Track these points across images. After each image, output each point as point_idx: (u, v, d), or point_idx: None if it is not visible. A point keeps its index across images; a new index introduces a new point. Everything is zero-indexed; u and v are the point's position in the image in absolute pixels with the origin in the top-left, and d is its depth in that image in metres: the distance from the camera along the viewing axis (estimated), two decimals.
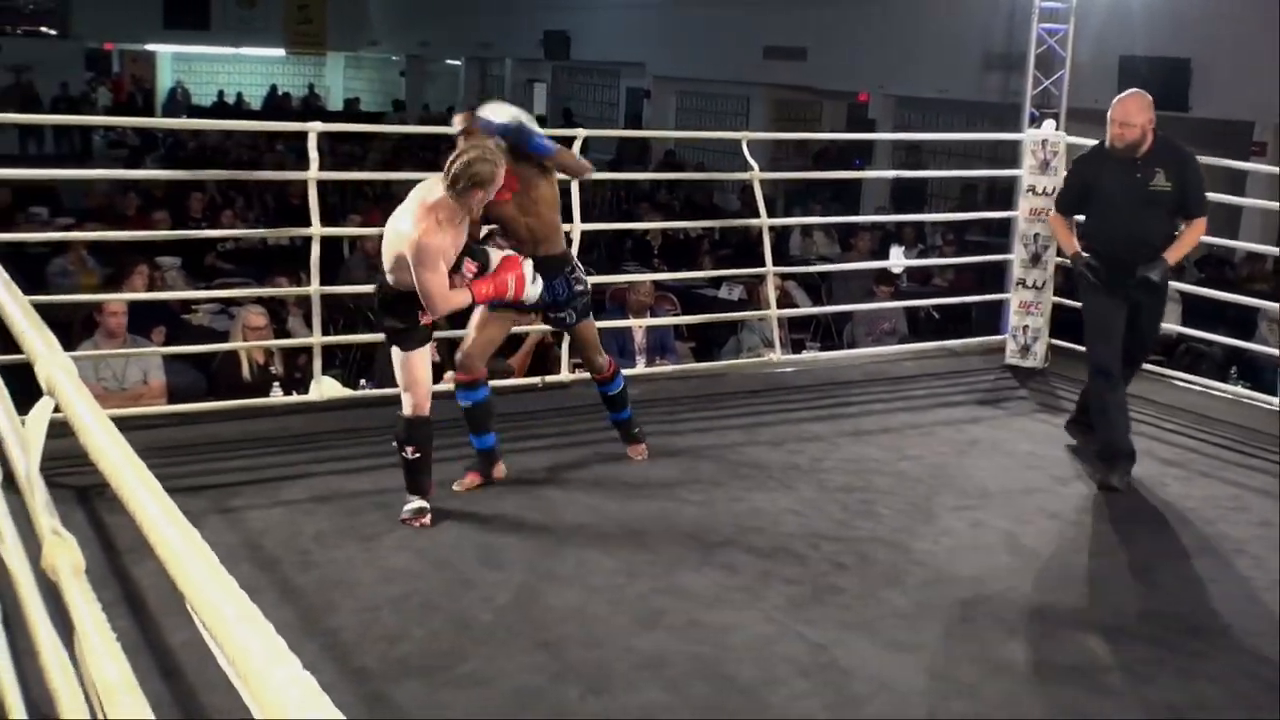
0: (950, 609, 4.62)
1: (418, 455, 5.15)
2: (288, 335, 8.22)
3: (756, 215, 8.01)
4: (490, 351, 5.75)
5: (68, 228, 11.40)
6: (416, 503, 5.15)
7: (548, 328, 7.63)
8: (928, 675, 4.13)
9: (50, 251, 10.07)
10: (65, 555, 1.46)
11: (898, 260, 11.06)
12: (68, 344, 6.27)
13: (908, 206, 17.99)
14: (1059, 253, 7.65)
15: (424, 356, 5.19)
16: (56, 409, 1.91)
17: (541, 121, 6.53)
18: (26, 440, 1.91)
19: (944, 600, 4.69)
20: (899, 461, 6.29)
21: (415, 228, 4.87)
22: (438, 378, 5.87)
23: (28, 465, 1.81)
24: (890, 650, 4.28)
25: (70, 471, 4.73)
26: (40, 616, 1.95)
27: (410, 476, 5.19)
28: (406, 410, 5.17)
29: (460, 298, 5.09)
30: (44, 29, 30.62)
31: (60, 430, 2.03)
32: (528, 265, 5.31)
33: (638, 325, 8.16)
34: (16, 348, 2.23)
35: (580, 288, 5.69)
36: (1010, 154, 9.18)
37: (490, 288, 5.16)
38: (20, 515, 2.07)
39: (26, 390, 2.34)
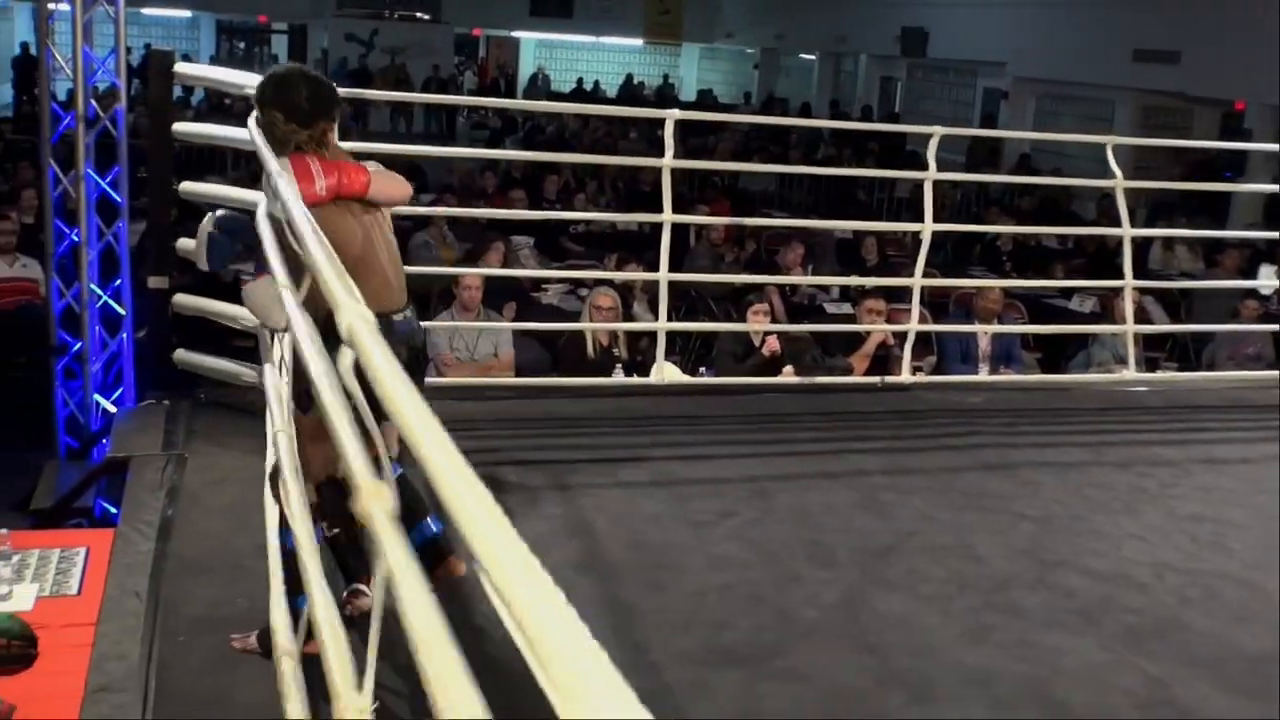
0: None
1: None
2: (632, 319, 8.39)
3: (1115, 225, 7.66)
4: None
5: (431, 204, 11.96)
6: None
7: (889, 328, 7.54)
8: None
9: (413, 226, 10.57)
10: (378, 500, 1.49)
11: (1268, 280, 10.40)
12: (426, 314, 6.58)
13: None
14: None
15: None
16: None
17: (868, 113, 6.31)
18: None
19: None
20: (1256, 495, 5.90)
21: None
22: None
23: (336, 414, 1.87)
24: (1235, 695, 4.02)
25: None
26: (317, 578, 2.04)
27: None
28: None
29: None
30: (418, 15, 32.23)
31: None
32: None
33: (983, 331, 7.95)
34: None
35: None
36: None
37: None
38: None
39: None
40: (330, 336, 3.01)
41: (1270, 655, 4.31)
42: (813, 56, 32.95)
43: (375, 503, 1.48)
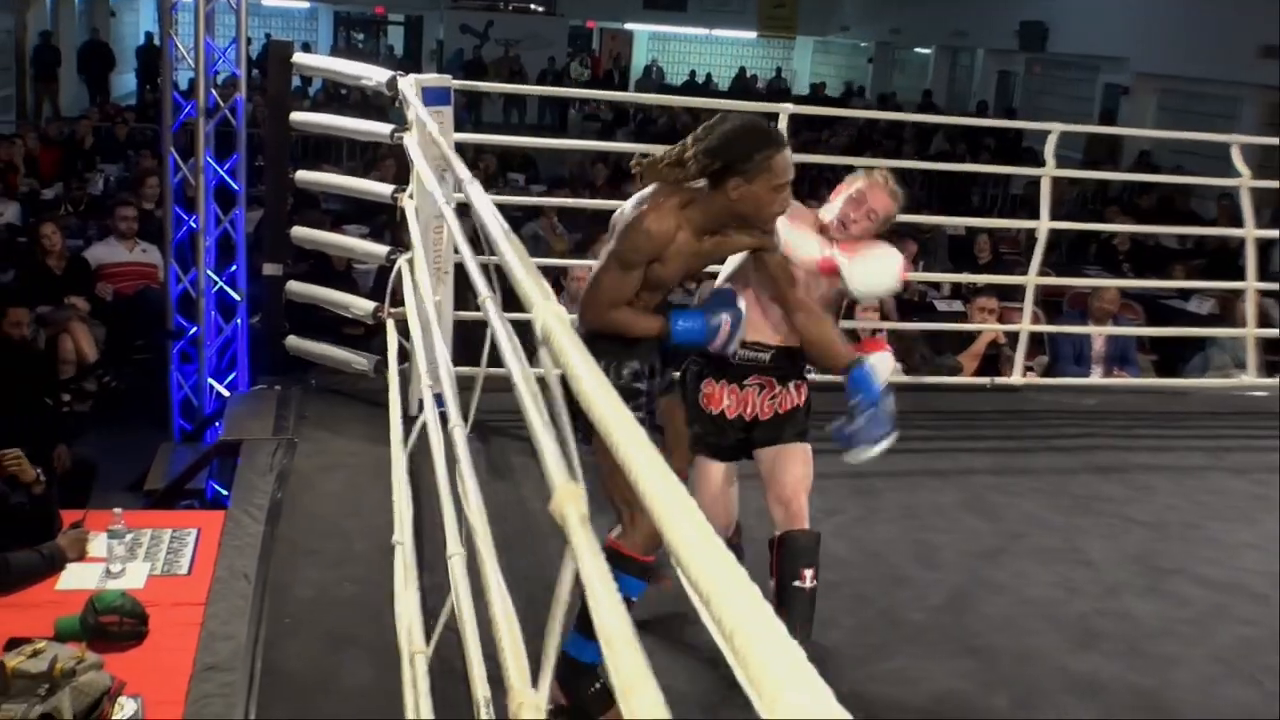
0: None
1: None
2: None
3: (1236, 225, 7.46)
4: None
5: (542, 195, 12.02)
6: None
7: (1001, 327, 7.42)
8: None
9: (524, 216, 10.63)
10: (574, 501, 1.50)
11: None
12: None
13: None
14: None
15: None
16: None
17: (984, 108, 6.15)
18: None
19: None
20: None
21: None
22: None
23: (541, 414, 1.87)
24: None
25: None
26: (494, 572, 2.05)
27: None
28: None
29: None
30: (533, 6, 32.42)
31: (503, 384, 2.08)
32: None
33: (1098, 333, 7.79)
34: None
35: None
36: None
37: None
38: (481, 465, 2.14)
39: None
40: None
41: None
42: (928, 51, 32.57)
43: (569, 503, 1.48)
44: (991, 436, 6.26)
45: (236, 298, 7.10)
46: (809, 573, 3.68)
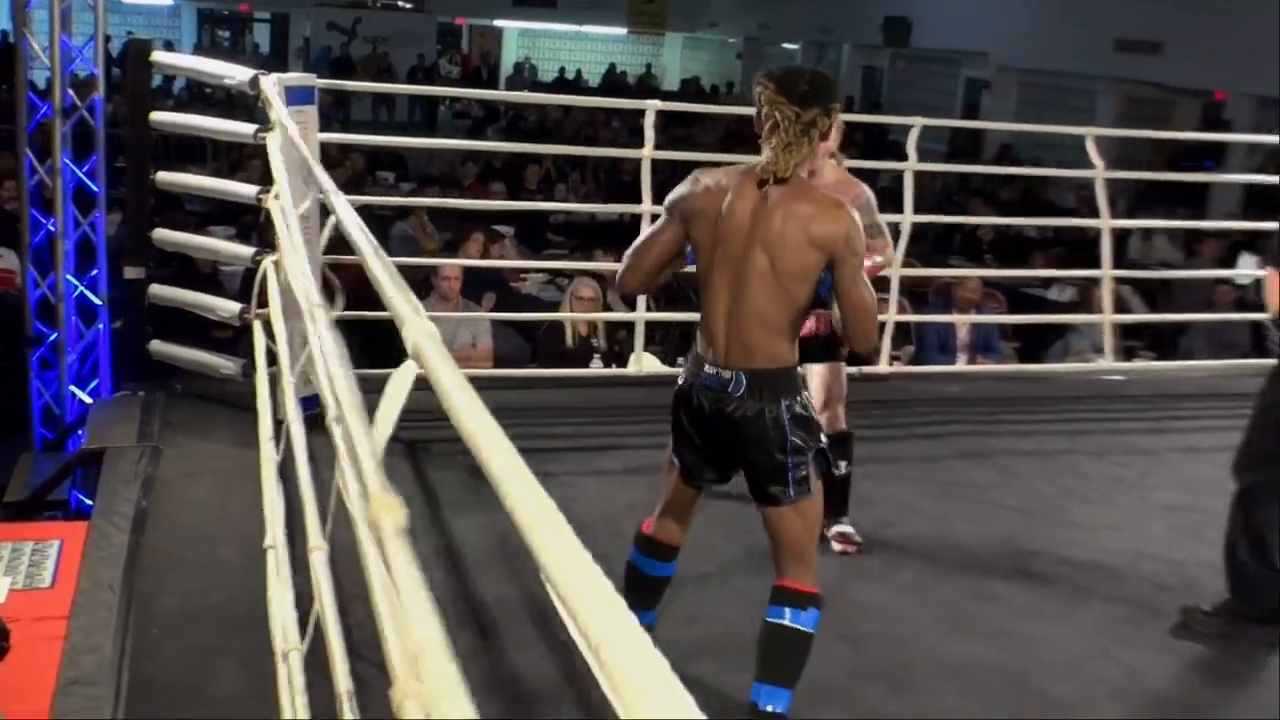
0: None
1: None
2: (609, 309, 8.37)
3: (1094, 215, 7.67)
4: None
5: (411, 194, 11.93)
6: (846, 524, 4.90)
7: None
8: (1255, 714, 3.88)
9: (394, 215, 10.54)
10: (389, 514, 1.50)
11: (1246, 269, 10.42)
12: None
13: (1262, 214, 16.95)
14: None
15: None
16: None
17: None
18: (385, 404, 1.97)
19: (1276, 637, 4.39)
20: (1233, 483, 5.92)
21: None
22: None
23: (378, 428, 1.87)
24: (1213, 682, 4.04)
25: (401, 427, 4.94)
26: (376, 563, 2.02)
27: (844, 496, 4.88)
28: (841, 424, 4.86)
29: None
30: (401, 3, 32.14)
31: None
32: None
33: (962, 321, 7.95)
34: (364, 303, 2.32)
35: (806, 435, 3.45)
36: None
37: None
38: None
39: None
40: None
41: (1248, 643, 4.32)
42: (796, 46, 32.94)
43: (385, 514, 1.48)
44: (860, 425, 6.32)
45: (98, 302, 6.93)
46: (843, 463, 4.66)
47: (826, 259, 3.26)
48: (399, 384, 1.90)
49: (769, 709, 3.38)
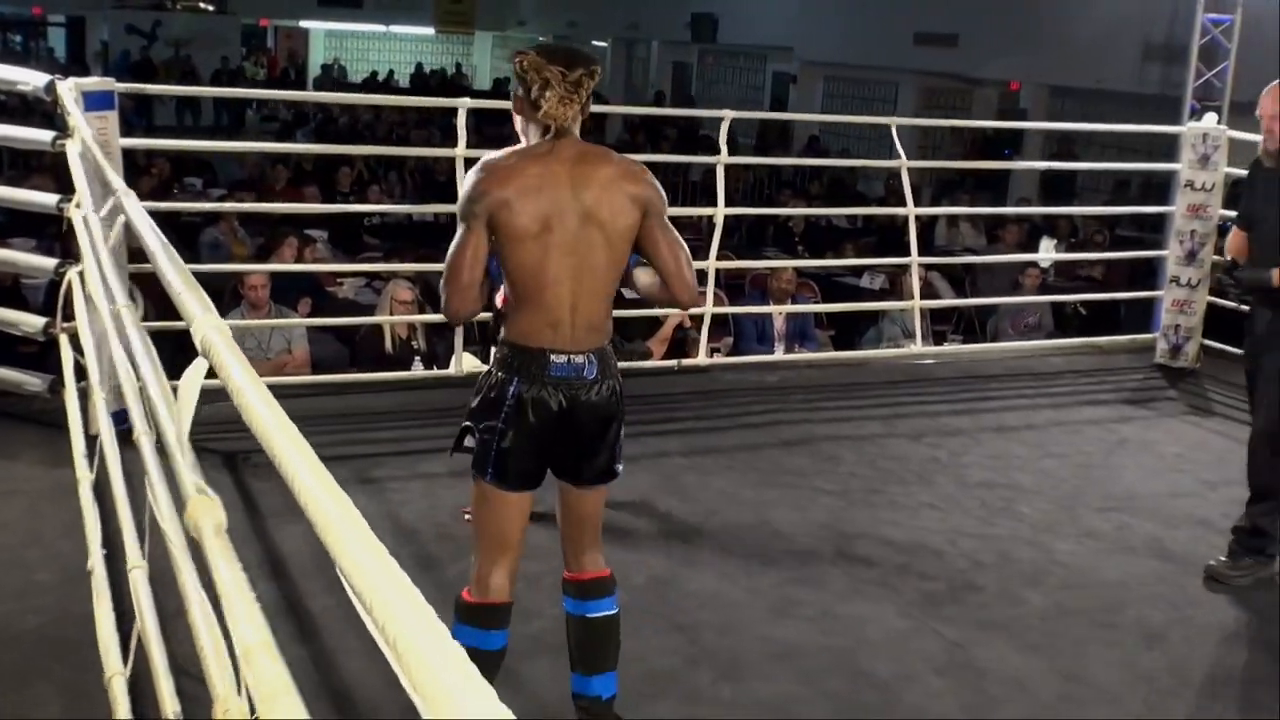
0: (1092, 613, 4.51)
1: None
2: (430, 310, 8.30)
3: (901, 204, 7.88)
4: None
5: (220, 199, 11.66)
6: None
7: (686, 311, 7.60)
8: (1065, 679, 4.04)
9: (203, 221, 10.30)
10: (208, 514, 1.47)
11: (1046, 253, 10.81)
12: (218, 313, 6.41)
13: (1058, 199, 17.59)
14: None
15: None
16: (210, 372, 1.95)
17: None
18: (180, 400, 1.94)
19: (1085, 604, 4.58)
20: (1042, 459, 6.15)
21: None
22: None
23: (178, 425, 1.84)
24: (1028, 652, 4.19)
25: (218, 436, 4.84)
26: (191, 578, 1.98)
27: None
28: None
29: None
30: (203, 5, 31.38)
31: (209, 397, 2.06)
32: None
33: (778, 312, 8.10)
34: (173, 314, 2.28)
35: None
36: (1168, 148, 8.89)
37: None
38: (171, 478, 2.11)
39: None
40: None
41: (1058, 612, 4.50)
42: (605, 43, 33.07)
43: (204, 515, 1.45)
44: (683, 418, 6.43)
45: None
46: None
47: (642, 214, 3.28)
48: (192, 379, 1.87)
49: (610, 697, 3.41)
